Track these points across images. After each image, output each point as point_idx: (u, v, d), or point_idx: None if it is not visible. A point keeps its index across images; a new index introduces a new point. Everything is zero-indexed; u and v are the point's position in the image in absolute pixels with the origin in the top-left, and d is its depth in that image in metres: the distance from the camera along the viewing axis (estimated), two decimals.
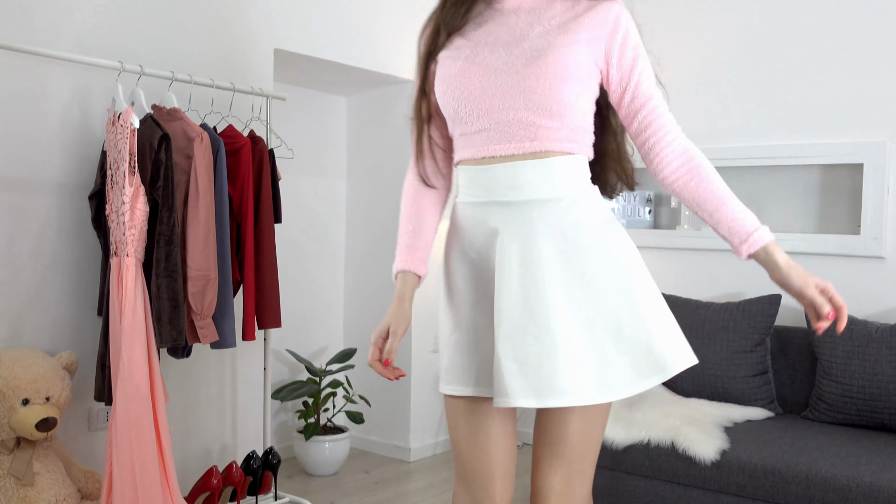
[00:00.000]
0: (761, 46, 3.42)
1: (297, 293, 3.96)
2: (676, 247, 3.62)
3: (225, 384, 3.11)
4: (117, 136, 2.41)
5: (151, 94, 2.77)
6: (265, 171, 2.84)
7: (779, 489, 2.49)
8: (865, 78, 3.17)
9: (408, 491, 3.46)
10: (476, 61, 1.51)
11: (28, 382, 2.30)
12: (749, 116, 3.46)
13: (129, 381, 2.34)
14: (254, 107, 3.12)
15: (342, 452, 3.66)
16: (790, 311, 3.30)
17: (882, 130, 3.14)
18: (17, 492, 2.26)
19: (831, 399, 2.89)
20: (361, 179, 4.13)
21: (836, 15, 3.24)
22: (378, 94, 4.03)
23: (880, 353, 2.80)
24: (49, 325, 2.59)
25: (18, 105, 2.51)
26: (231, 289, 2.69)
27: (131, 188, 2.38)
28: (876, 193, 3.10)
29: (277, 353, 3.87)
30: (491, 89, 1.49)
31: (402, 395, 3.92)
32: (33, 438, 2.30)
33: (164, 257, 2.46)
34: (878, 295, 3.13)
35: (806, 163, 3.29)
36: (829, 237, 3.22)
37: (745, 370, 3.08)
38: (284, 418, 3.95)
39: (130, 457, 2.33)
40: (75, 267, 2.65)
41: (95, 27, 2.68)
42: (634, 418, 2.86)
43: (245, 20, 3.14)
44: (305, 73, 3.70)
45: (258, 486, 2.89)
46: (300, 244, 3.98)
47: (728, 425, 2.82)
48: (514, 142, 1.49)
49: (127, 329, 2.35)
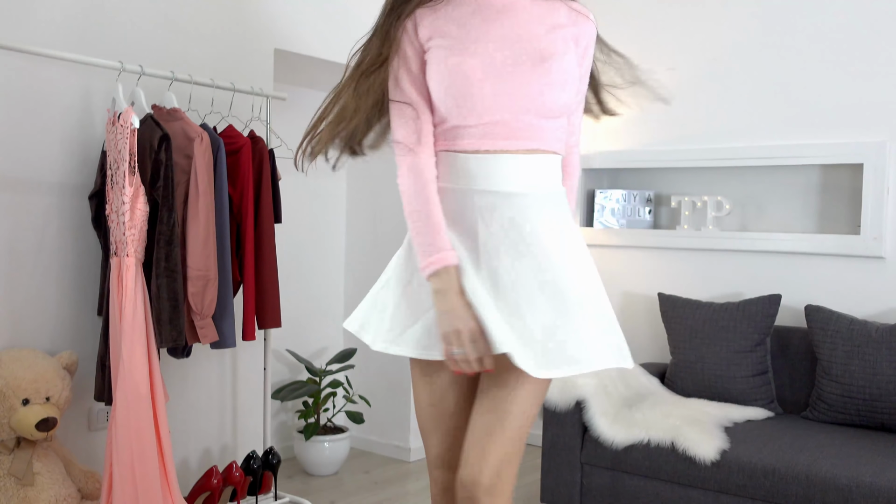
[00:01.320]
0: (761, 47, 3.42)
1: (297, 293, 3.96)
2: (676, 247, 3.62)
3: (225, 384, 3.11)
4: (117, 136, 2.41)
5: (151, 94, 2.77)
6: (265, 171, 2.84)
7: (779, 489, 2.49)
8: (865, 78, 3.17)
9: (408, 491, 3.46)
10: (481, 56, 1.54)
11: (28, 382, 2.30)
12: (749, 116, 3.46)
13: (129, 381, 2.34)
14: (254, 107, 3.12)
15: (342, 452, 3.66)
16: (790, 311, 3.30)
17: (882, 130, 3.14)
18: (17, 492, 2.26)
19: (831, 399, 2.89)
20: (361, 179, 4.13)
21: (836, 15, 3.24)
22: None
23: (880, 353, 2.80)
24: (49, 325, 2.59)
25: (18, 105, 2.51)
26: (231, 289, 2.69)
27: (131, 188, 2.38)
28: (876, 193, 3.10)
29: (277, 353, 3.87)
30: (496, 88, 1.53)
31: (402, 395, 3.92)
32: (33, 438, 2.30)
33: (164, 257, 2.46)
34: (878, 295, 3.13)
35: (806, 163, 3.29)
36: (829, 237, 3.22)
37: (745, 370, 3.07)
38: (284, 418, 3.94)
39: (130, 457, 2.32)
40: (75, 267, 2.65)
41: (95, 27, 2.68)
42: (634, 418, 2.86)
43: (245, 20, 3.14)
44: (305, 73, 3.70)
45: (258, 486, 2.89)
46: (300, 244, 3.98)
47: (728, 425, 2.82)
48: (512, 139, 1.54)
49: (127, 329, 2.35)
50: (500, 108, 1.53)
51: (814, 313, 3.01)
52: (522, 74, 1.53)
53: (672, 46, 3.65)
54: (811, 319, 3.01)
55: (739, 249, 3.44)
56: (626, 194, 3.74)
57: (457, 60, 1.54)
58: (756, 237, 3.39)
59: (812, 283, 3.28)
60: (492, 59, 1.53)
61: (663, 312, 3.35)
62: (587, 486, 2.92)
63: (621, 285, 3.82)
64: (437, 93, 1.57)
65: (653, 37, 3.72)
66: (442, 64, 1.55)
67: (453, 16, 1.59)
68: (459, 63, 1.54)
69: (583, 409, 2.91)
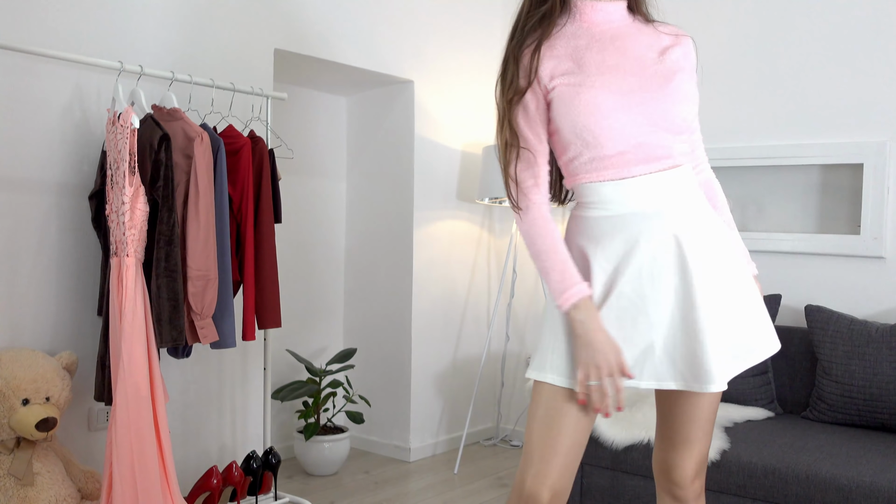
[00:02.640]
0: (761, 46, 3.42)
1: (297, 293, 3.96)
2: None
3: (225, 384, 3.11)
4: (117, 136, 2.41)
5: (151, 94, 2.77)
6: (265, 171, 2.84)
7: (779, 489, 2.49)
8: (865, 78, 3.17)
9: (408, 491, 3.46)
10: (608, 87, 1.57)
11: (28, 382, 2.30)
12: (749, 116, 3.46)
13: (129, 381, 2.34)
14: (254, 107, 3.12)
15: (342, 452, 3.66)
16: (790, 311, 3.30)
17: (882, 130, 3.14)
18: (17, 492, 2.26)
19: (831, 399, 2.89)
20: (361, 179, 4.13)
21: (836, 15, 3.24)
22: (378, 94, 4.03)
23: (880, 353, 2.80)
24: (49, 325, 2.59)
25: (18, 105, 2.51)
26: (231, 289, 2.69)
27: (131, 188, 2.38)
28: (876, 193, 3.10)
29: (277, 353, 3.87)
30: (630, 115, 1.56)
31: (402, 395, 3.92)
32: (33, 438, 2.30)
33: (164, 257, 2.46)
34: (878, 295, 3.14)
35: (806, 163, 3.29)
36: (829, 237, 3.22)
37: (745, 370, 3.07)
38: (284, 418, 3.95)
39: (130, 457, 2.33)
40: (75, 267, 2.65)
41: (95, 27, 2.68)
42: (634, 418, 2.86)
43: (245, 20, 3.14)
44: (305, 73, 3.70)
45: (258, 486, 2.89)
46: (300, 244, 3.98)
47: (728, 425, 2.82)
48: (652, 161, 1.59)
49: (127, 329, 2.35)
50: (637, 133, 1.56)
51: (814, 313, 3.01)
52: (652, 97, 1.56)
53: None
54: (811, 319, 3.01)
55: None
56: None
57: (589, 96, 1.56)
58: (756, 237, 3.39)
59: (812, 283, 3.28)
60: (619, 87, 1.56)
61: None
62: (587, 486, 2.92)
63: None
64: (570, 129, 1.58)
65: None
66: (573, 102, 1.57)
67: (568, 51, 1.62)
68: (591, 98, 1.56)
69: None
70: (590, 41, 1.62)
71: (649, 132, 1.57)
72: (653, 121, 1.57)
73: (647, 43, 1.64)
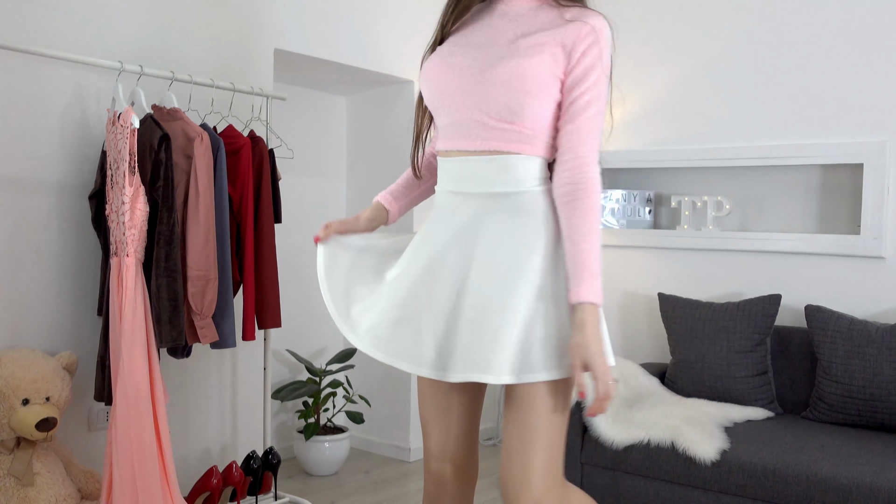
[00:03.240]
0: (761, 46, 3.42)
1: (297, 293, 3.96)
2: (676, 247, 3.62)
3: (225, 384, 3.11)
4: (117, 136, 2.41)
5: (151, 94, 2.77)
6: (265, 171, 2.84)
7: (779, 489, 2.49)
8: (865, 78, 3.17)
9: (408, 491, 3.46)
10: (448, 60, 1.62)
11: (28, 382, 2.30)
12: (749, 116, 3.46)
13: (129, 381, 2.34)
14: (254, 107, 3.12)
15: (342, 452, 3.66)
16: (790, 311, 3.30)
17: (882, 130, 3.14)
18: (17, 492, 2.26)
19: (831, 399, 2.89)
20: (361, 179, 4.13)
21: (836, 15, 3.24)
22: (378, 94, 4.03)
23: (880, 353, 2.80)
24: (49, 325, 2.59)
25: (18, 105, 2.51)
26: (231, 289, 2.69)
27: (131, 188, 2.38)
28: (876, 193, 3.10)
29: (277, 353, 3.87)
30: (451, 87, 1.59)
31: (402, 395, 3.92)
32: (33, 438, 2.30)
33: (164, 257, 2.46)
34: (878, 295, 3.14)
35: (806, 163, 3.29)
36: (829, 237, 3.22)
37: (745, 370, 3.08)
38: (284, 418, 3.95)
39: (130, 457, 2.33)
40: (75, 267, 2.65)
41: (96, 27, 2.68)
42: (634, 418, 2.86)
43: (245, 20, 3.14)
44: (305, 73, 3.70)
45: (258, 486, 2.89)
46: (300, 244, 3.98)
47: (728, 425, 2.82)
48: (469, 139, 1.59)
49: (127, 329, 2.35)
50: (458, 107, 1.59)
51: (814, 313, 3.01)
52: (473, 77, 1.57)
53: (672, 46, 3.65)
54: (811, 319, 3.01)
55: (739, 249, 3.44)
56: (626, 194, 3.74)
57: (431, 63, 1.65)
58: (756, 237, 3.39)
59: (812, 283, 3.28)
60: (456, 61, 1.60)
61: (663, 312, 3.35)
62: (587, 487, 2.92)
63: (621, 285, 3.82)
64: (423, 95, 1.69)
65: (652, 37, 3.72)
66: (423, 68, 1.67)
67: (460, 29, 1.69)
68: (432, 66, 1.64)
69: (583, 409, 2.91)
70: (485, 16, 1.66)
71: (467, 111, 1.58)
72: (468, 99, 1.58)
73: (531, 23, 1.58)
